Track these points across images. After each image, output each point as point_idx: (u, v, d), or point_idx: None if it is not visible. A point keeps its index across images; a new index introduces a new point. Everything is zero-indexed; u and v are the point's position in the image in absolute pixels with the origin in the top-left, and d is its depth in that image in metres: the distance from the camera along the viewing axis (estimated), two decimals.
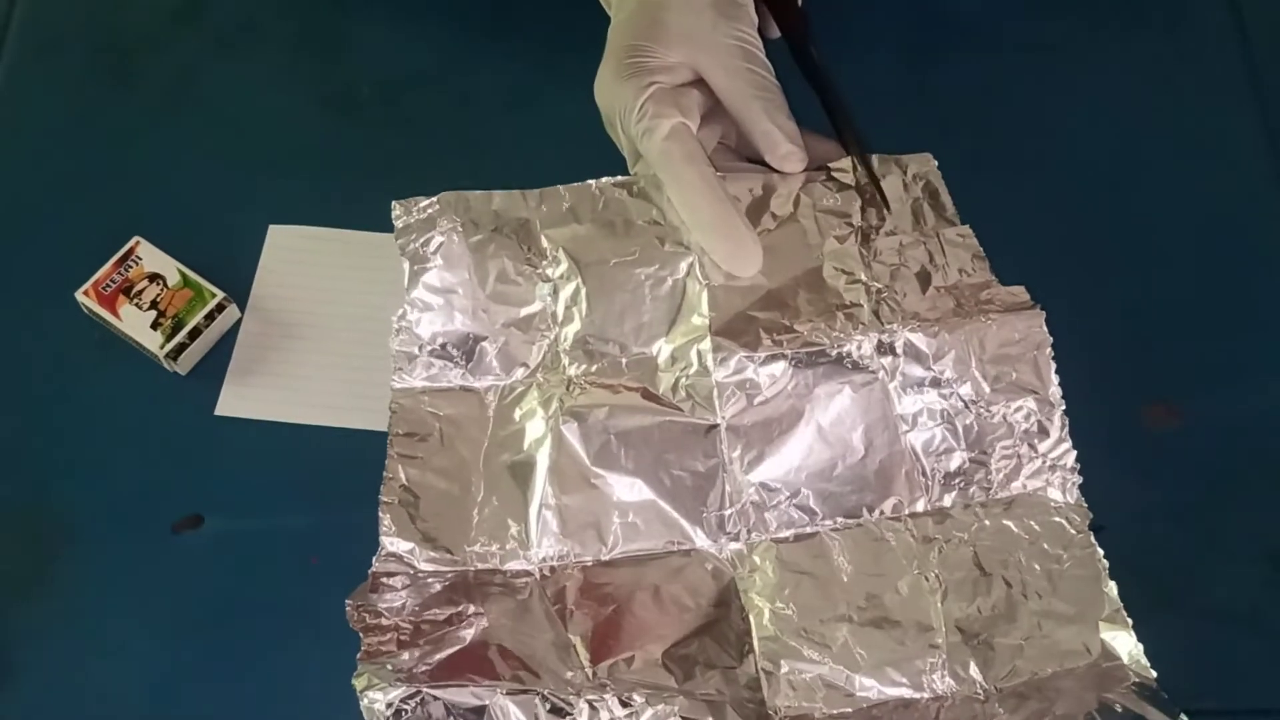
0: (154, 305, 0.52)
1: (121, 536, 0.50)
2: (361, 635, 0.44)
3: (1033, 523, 0.48)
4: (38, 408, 0.53)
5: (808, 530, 0.48)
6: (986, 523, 0.48)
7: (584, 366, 0.50)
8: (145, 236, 0.54)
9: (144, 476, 0.51)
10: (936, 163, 0.54)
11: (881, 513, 0.48)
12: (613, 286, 0.51)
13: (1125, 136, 0.59)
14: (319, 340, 0.54)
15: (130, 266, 0.53)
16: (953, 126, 0.59)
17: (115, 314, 0.52)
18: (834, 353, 0.49)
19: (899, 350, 0.49)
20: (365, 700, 0.42)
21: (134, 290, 0.53)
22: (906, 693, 0.45)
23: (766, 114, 0.50)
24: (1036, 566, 0.47)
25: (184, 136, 0.59)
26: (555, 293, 0.51)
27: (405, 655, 0.43)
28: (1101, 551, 0.47)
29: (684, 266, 0.50)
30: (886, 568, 0.47)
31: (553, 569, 0.48)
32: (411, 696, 0.42)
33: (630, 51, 0.51)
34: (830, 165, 0.53)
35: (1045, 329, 0.49)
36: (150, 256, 0.53)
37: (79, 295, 0.53)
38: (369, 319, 0.54)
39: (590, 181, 0.53)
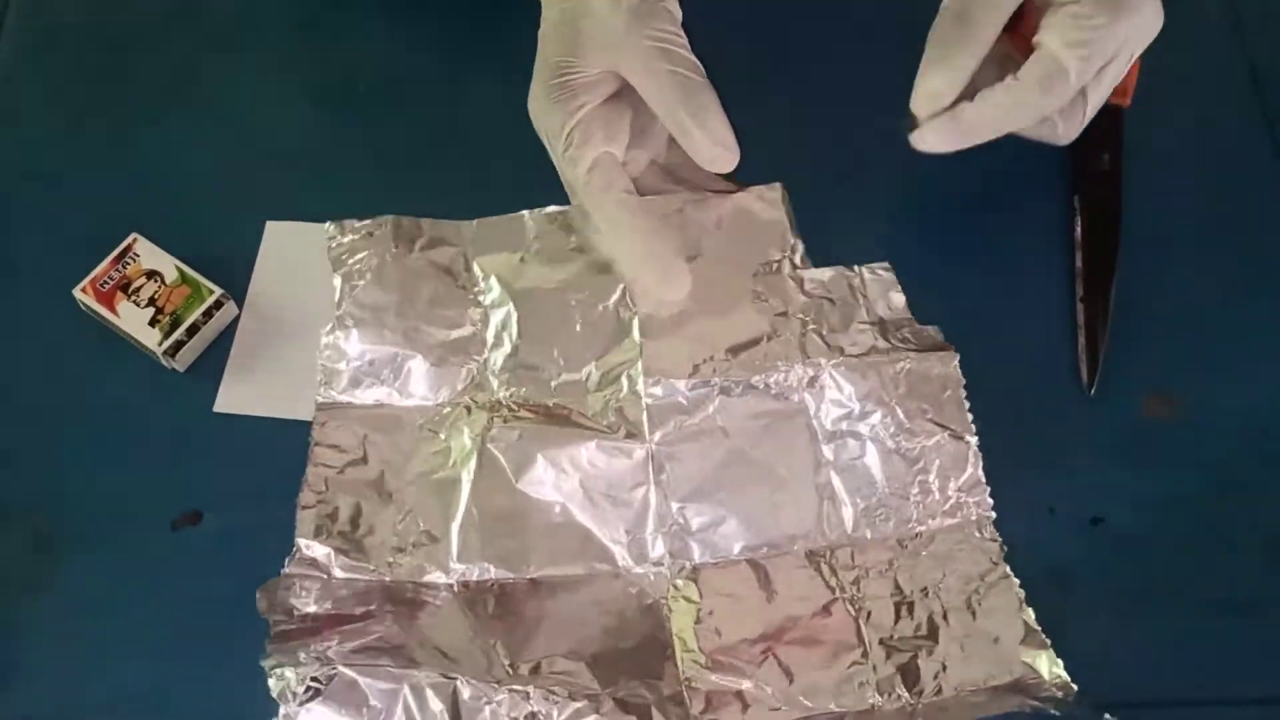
0: (152, 302, 0.52)
1: (121, 534, 0.50)
2: (270, 621, 0.44)
3: (950, 556, 0.48)
4: (36, 405, 0.53)
5: (732, 556, 0.48)
6: (905, 555, 0.48)
7: (513, 390, 0.51)
8: (142, 233, 0.54)
9: (143, 474, 0.51)
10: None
11: (803, 541, 0.49)
12: (544, 312, 0.52)
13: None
14: (317, 336, 0.54)
15: (128, 263, 0.53)
16: None
17: (113, 311, 0.52)
18: (760, 383, 0.50)
19: (823, 384, 0.50)
20: (275, 677, 0.42)
21: (131, 287, 0.53)
22: (833, 706, 0.45)
23: (692, 116, 0.48)
24: (955, 595, 0.47)
25: (180, 133, 0.59)
26: (486, 319, 0.52)
27: (317, 641, 0.44)
28: (1018, 581, 0.47)
29: (615, 294, 0.52)
30: (810, 592, 0.48)
31: (471, 584, 0.47)
32: (326, 673, 0.42)
33: (556, 69, 0.49)
34: (756, 190, 0.54)
35: (959, 369, 0.51)
36: (148, 253, 0.53)
37: (76, 292, 0.52)
38: None
39: (524, 212, 0.54)
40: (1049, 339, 0.54)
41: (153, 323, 0.52)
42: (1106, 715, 0.43)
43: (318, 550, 0.47)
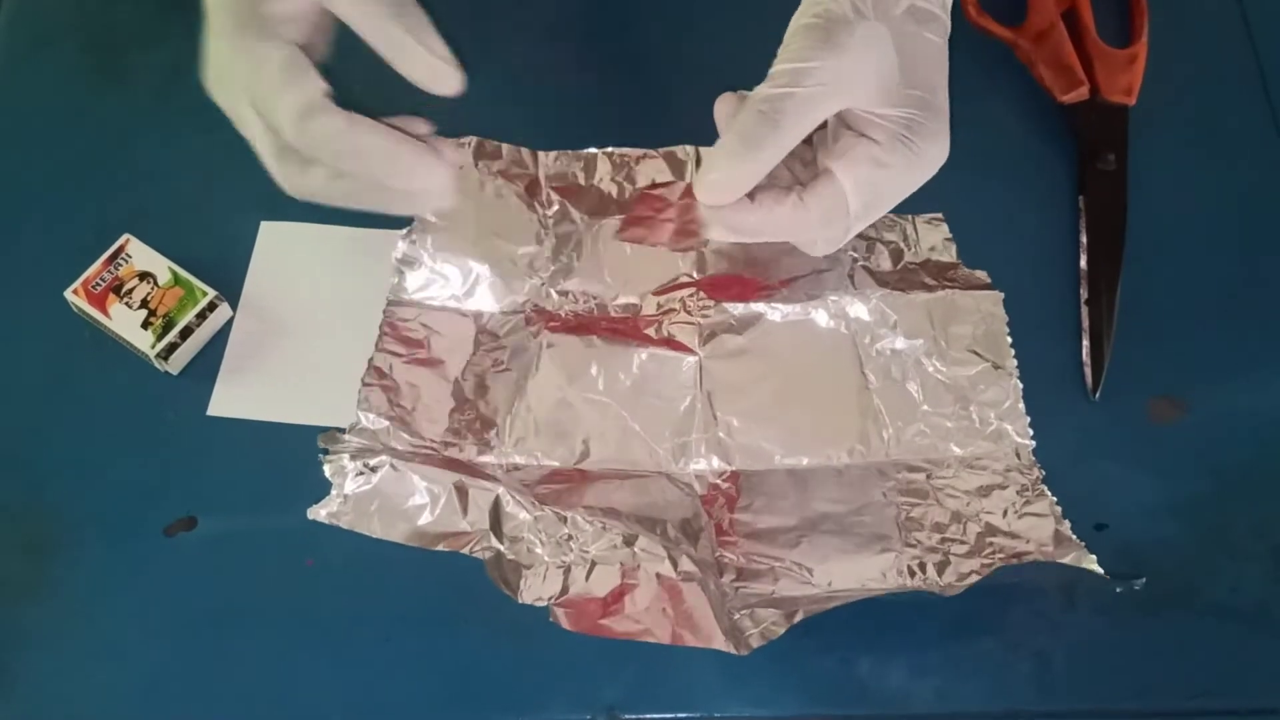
0: (144, 304, 0.52)
1: (114, 539, 0.49)
2: (329, 448, 0.48)
3: (990, 479, 0.50)
4: (27, 409, 0.52)
5: (773, 465, 0.51)
6: (944, 475, 0.50)
7: (573, 307, 0.53)
8: (135, 234, 0.53)
9: (136, 478, 0.51)
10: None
11: (844, 457, 0.51)
12: (607, 239, 0.54)
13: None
14: (312, 338, 0.53)
15: (120, 264, 0.52)
16: (962, 117, 0.58)
17: (105, 313, 0.51)
18: (810, 310, 0.53)
19: (869, 312, 0.52)
20: (331, 462, 0.46)
21: (124, 289, 0.52)
22: (864, 585, 0.47)
23: (407, 32, 0.42)
24: (993, 508, 0.49)
25: (174, 133, 0.58)
26: (552, 241, 0.54)
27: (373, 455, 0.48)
28: (1054, 498, 0.49)
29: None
30: (846, 494, 0.50)
31: (521, 467, 0.50)
32: (379, 462, 0.46)
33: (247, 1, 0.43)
34: None
35: (1003, 308, 0.53)
36: (140, 254, 0.53)
37: (68, 294, 0.52)
38: (362, 317, 0.53)
39: (594, 149, 0.57)
40: (1053, 342, 0.54)
41: (145, 325, 0.51)
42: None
43: (377, 423, 0.50)
